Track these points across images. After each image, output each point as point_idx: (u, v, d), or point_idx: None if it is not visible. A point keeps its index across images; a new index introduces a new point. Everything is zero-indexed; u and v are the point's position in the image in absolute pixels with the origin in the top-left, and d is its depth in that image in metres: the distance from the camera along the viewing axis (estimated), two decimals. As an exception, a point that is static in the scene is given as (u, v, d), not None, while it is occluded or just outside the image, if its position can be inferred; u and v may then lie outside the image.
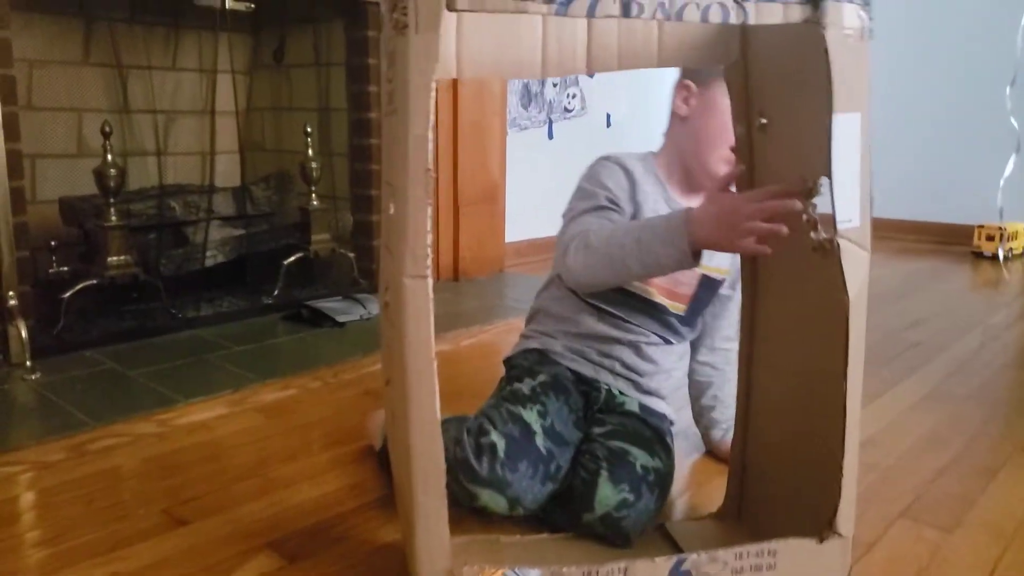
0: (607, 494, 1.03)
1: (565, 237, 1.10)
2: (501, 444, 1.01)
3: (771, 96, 0.89)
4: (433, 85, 0.72)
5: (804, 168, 0.80)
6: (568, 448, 1.08)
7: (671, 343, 1.24)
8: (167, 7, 2.26)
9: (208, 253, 2.17)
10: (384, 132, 0.81)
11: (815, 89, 0.75)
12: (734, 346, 1.31)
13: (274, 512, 1.15)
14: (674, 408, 1.29)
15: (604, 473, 1.04)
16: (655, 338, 1.22)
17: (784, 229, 0.83)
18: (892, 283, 2.92)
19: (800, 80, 0.80)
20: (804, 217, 0.80)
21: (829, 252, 0.79)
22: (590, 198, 1.14)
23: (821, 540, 0.85)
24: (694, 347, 1.33)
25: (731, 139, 1.02)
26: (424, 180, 0.74)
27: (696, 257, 0.94)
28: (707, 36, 0.90)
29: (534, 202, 3.17)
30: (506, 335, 2.11)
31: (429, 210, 0.74)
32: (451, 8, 0.70)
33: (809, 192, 0.80)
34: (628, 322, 1.21)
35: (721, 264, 1.21)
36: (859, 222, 0.78)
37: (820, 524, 0.86)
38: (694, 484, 1.26)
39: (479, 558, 0.96)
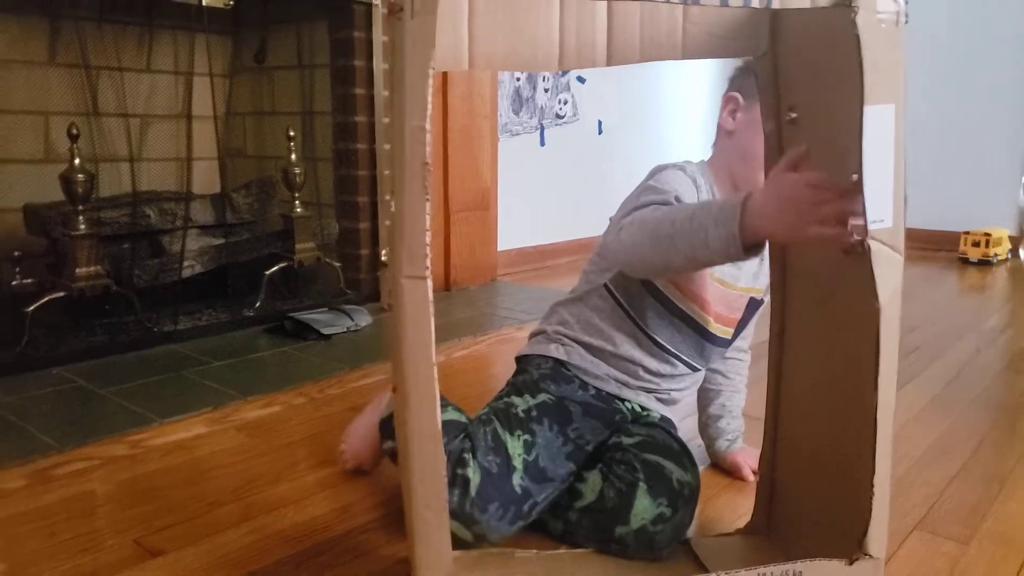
0: (645, 506, 0.99)
1: (622, 219, 1.03)
2: (475, 480, 0.97)
3: (801, 89, 0.84)
4: (431, 73, 0.67)
5: (835, 165, 0.75)
6: (551, 484, 1.02)
7: (699, 370, 1.20)
8: (139, 5, 2.18)
9: (185, 263, 2.08)
10: (388, 127, 0.76)
11: (846, 80, 0.70)
12: (746, 357, 1.27)
13: (256, 539, 1.07)
14: (679, 417, 1.25)
15: (643, 485, 1.00)
16: (684, 368, 1.17)
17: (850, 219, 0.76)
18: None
19: (831, 70, 0.75)
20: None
21: (861, 255, 0.73)
22: (659, 193, 1.06)
23: (851, 562, 0.80)
24: None
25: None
26: (421, 174, 0.68)
27: (747, 250, 0.85)
28: (734, 26, 0.84)
29: (526, 210, 3.12)
30: (499, 346, 2.06)
31: (428, 206, 0.69)
32: None
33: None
34: (668, 351, 1.15)
35: (763, 284, 1.17)
36: (891, 223, 0.73)
37: (850, 544, 0.80)
38: (704, 498, 1.20)
39: (490, 573, 0.92)
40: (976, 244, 3.54)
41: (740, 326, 1.20)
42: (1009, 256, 3.64)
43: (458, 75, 2.58)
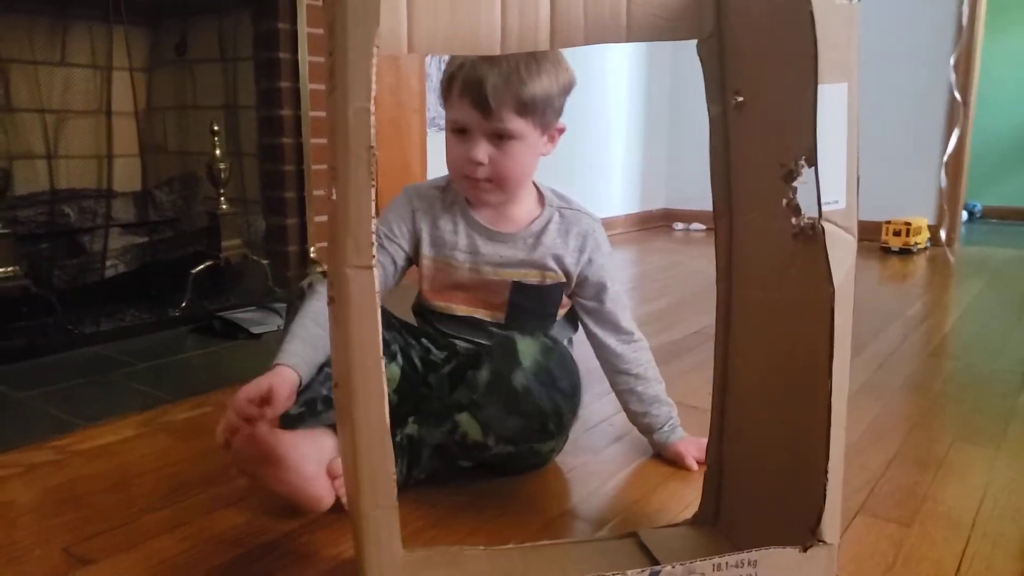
0: (528, 345, 1.06)
1: None
2: None
3: (748, 72, 0.83)
4: (374, 52, 0.64)
5: (784, 147, 0.74)
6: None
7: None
8: (52, -4, 2.09)
9: (107, 263, 2.00)
10: (327, 113, 0.72)
11: (797, 60, 0.70)
12: (638, 344, 1.30)
13: (192, 544, 1.03)
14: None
15: (516, 336, 1.07)
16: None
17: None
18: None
19: (781, 51, 0.74)
20: (784, 201, 0.75)
21: (812, 238, 0.73)
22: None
23: (805, 549, 0.80)
24: (596, 346, 1.30)
25: (457, 166, 1.14)
26: (366, 158, 0.65)
27: None
28: (679, 7, 0.83)
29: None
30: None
31: (373, 192, 0.66)
32: None
33: (790, 175, 0.74)
34: (455, 337, 1.26)
35: (540, 270, 1.22)
36: (845, 204, 0.73)
37: (803, 531, 0.80)
38: (648, 488, 1.20)
39: (440, 572, 0.89)
40: (897, 233, 3.64)
41: (516, 310, 1.23)
42: (928, 244, 3.76)
43: (385, 67, 2.53)
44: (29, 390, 1.57)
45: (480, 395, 1.08)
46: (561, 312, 1.30)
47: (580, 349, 1.31)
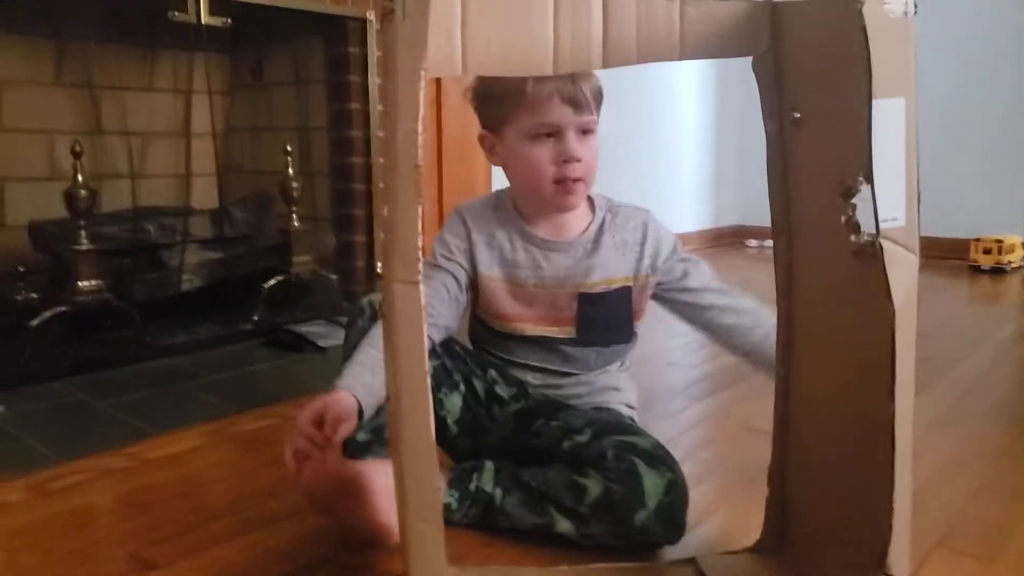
0: (655, 481, 0.99)
1: None
2: None
3: (805, 87, 0.81)
4: (423, 75, 0.66)
5: (842, 164, 0.72)
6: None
7: (574, 374, 1.22)
8: (142, 26, 2.19)
9: (184, 277, 2.08)
10: (383, 134, 0.75)
11: (853, 75, 0.68)
12: (730, 293, 1.25)
13: (252, 554, 1.05)
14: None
15: (640, 463, 1.00)
16: (553, 376, 1.22)
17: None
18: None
19: (836, 66, 0.72)
20: (843, 219, 0.72)
21: (872, 256, 0.71)
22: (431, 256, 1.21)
23: (870, 582, 0.76)
24: (711, 327, 1.24)
25: (547, 172, 1.10)
26: (413, 177, 0.67)
27: None
28: (734, 24, 0.82)
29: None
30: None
31: (420, 209, 0.67)
32: None
33: (848, 192, 0.71)
34: (524, 365, 1.22)
35: (605, 276, 1.18)
36: (905, 221, 0.70)
37: (869, 563, 0.76)
38: (707, 513, 1.17)
39: None
40: (988, 251, 3.43)
41: (587, 322, 1.19)
42: (1023, 263, 3.56)
43: (452, 86, 2.57)
44: (108, 399, 1.63)
45: (586, 509, 1.02)
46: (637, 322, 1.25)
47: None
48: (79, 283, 1.82)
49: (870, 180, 0.68)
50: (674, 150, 4.13)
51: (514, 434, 1.19)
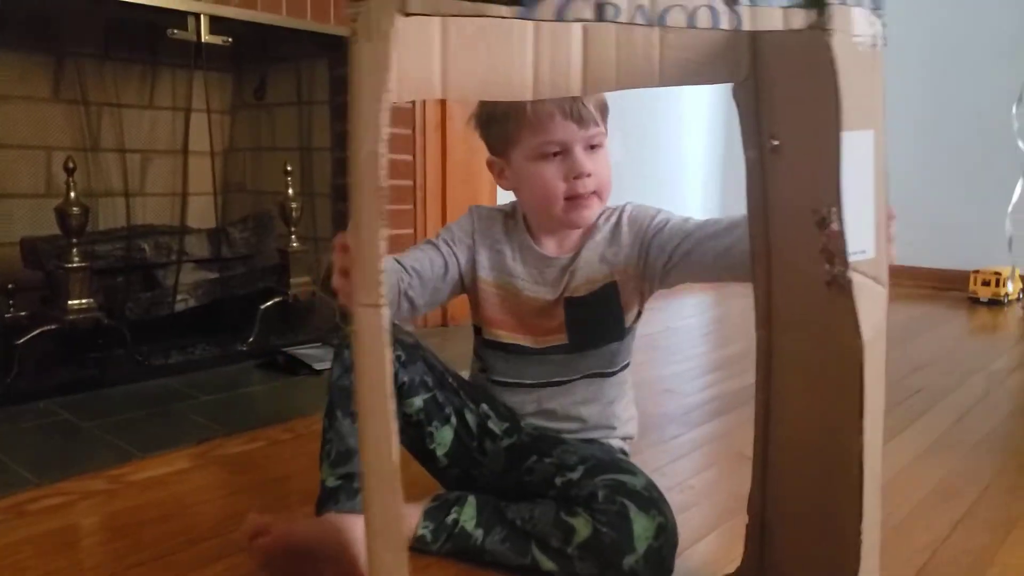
0: (645, 525, 0.98)
1: None
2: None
3: (783, 116, 0.82)
4: (386, 97, 0.65)
5: (816, 193, 0.72)
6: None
7: (569, 381, 1.20)
8: (142, 43, 2.20)
9: (179, 297, 2.07)
10: (348, 156, 0.75)
11: (825, 105, 0.68)
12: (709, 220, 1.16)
13: (230, 579, 1.04)
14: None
15: (631, 506, 0.99)
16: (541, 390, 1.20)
17: None
18: (890, 329, 2.82)
19: (810, 96, 0.73)
20: (818, 248, 0.72)
21: (843, 287, 0.71)
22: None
23: (842, 611, 0.75)
24: (715, 267, 1.11)
25: (557, 190, 1.09)
26: (376, 199, 0.66)
27: None
28: (712, 51, 0.83)
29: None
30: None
31: (383, 231, 0.67)
32: (404, 12, 0.62)
33: (822, 221, 0.71)
34: (511, 383, 1.21)
35: (586, 278, 1.16)
36: (874, 253, 0.70)
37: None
38: (692, 541, 1.16)
39: None
40: (986, 283, 3.45)
41: (577, 325, 1.17)
42: (1021, 296, 3.56)
43: (457, 110, 2.58)
44: (94, 419, 1.62)
45: (574, 551, 1.00)
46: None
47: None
48: (69, 301, 1.81)
49: (840, 213, 0.68)
50: (678, 177, 4.13)
51: (505, 470, 1.17)
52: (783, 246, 0.86)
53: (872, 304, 0.71)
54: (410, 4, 0.62)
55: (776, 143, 0.82)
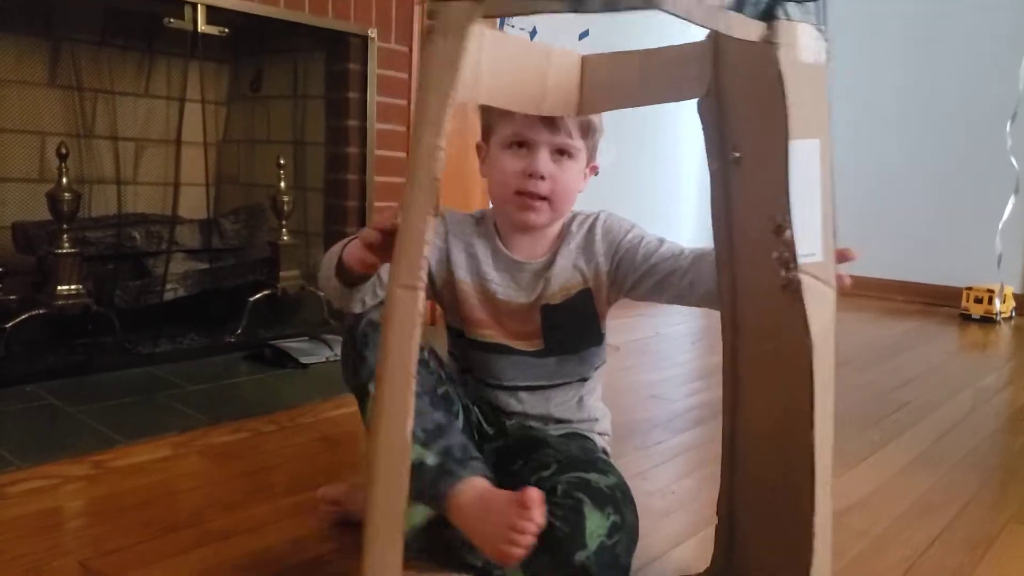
0: (597, 523, 0.96)
1: None
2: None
3: (743, 128, 0.84)
4: (453, 95, 0.71)
5: (773, 201, 0.74)
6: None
7: (550, 385, 1.21)
8: (139, 31, 2.20)
9: (168, 286, 2.07)
10: (412, 145, 0.80)
11: (778, 117, 0.71)
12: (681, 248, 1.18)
13: (207, 567, 1.05)
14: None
15: (587, 502, 0.97)
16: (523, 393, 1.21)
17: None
18: (881, 343, 2.87)
19: (765, 109, 0.75)
20: (775, 254, 0.74)
21: (796, 290, 0.73)
22: None
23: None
24: (682, 296, 1.15)
25: (511, 181, 1.10)
26: (430, 189, 0.72)
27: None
28: (684, 68, 0.86)
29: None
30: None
31: (431, 221, 0.72)
32: (485, 15, 0.69)
33: (779, 229, 0.74)
34: (488, 381, 1.20)
35: (561, 285, 1.17)
36: (822, 256, 0.73)
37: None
38: (669, 544, 1.16)
39: None
40: (979, 300, 3.46)
41: (554, 332, 1.18)
42: (1013, 314, 3.57)
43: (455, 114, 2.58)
44: (80, 404, 1.63)
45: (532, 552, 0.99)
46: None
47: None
48: (59, 287, 1.82)
49: (788, 217, 0.71)
50: (673, 189, 4.14)
51: (492, 471, 1.18)
52: (745, 254, 0.88)
53: (820, 305, 0.73)
54: (489, 6, 0.69)
55: (737, 155, 0.85)
